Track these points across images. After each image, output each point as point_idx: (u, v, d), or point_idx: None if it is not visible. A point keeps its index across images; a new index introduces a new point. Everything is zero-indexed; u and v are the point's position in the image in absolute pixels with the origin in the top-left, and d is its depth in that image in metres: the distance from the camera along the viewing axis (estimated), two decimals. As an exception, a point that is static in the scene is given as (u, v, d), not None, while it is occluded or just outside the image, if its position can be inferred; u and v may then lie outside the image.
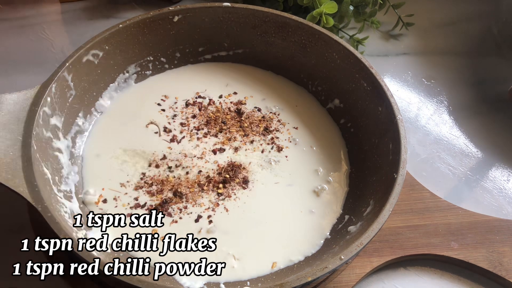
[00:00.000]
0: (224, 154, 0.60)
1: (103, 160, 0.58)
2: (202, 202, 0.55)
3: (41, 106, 0.50)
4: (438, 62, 0.82)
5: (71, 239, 0.42)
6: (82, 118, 0.60)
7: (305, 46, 0.65)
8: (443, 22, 0.89)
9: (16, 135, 0.48)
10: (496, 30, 0.86)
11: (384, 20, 0.86)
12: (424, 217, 0.58)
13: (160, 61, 0.67)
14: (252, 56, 0.69)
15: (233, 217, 0.54)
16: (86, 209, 0.54)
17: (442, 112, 0.74)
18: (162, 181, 0.56)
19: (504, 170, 0.68)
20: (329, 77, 0.64)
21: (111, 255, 0.49)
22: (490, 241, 0.57)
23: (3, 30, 0.79)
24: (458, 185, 0.66)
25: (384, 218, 0.46)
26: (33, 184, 0.45)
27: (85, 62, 0.58)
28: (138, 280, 0.40)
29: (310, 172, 0.59)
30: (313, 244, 0.53)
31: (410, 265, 0.57)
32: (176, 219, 0.53)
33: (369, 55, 0.81)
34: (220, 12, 0.65)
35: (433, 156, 0.69)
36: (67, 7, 0.84)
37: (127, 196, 0.55)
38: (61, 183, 0.52)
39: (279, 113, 0.65)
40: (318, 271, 0.43)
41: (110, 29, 0.60)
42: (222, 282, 0.49)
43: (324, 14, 0.72)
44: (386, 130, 0.55)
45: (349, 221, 0.53)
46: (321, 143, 0.62)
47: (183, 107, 0.64)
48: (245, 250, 0.52)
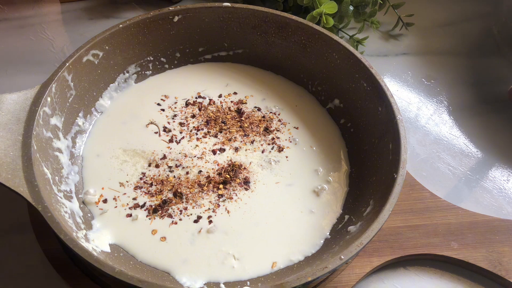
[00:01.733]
0: (224, 154, 0.60)
1: (103, 160, 0.58)
2: (202, 203, 0.55)
3: (41, 106, 0.50)
4: (438, 62, 0.82)
5: (71, 239, 0.42)
6: (82, 118, 0.60)
7: (305, 46, 0.65)
8: (443, 22, 0.89)
9: (16, 135, 0.48)
10: (496, 30, 0.86)
11: (384, 20, 0.86)
12: (424, 217, 0.58)
13: (160, 61, 0.67)
14: (252, 56, 0.69)
15: (233, 217, 0.54)
16: (86, 209, 0.54)
17: (442, 112, 0.74)
18: (162, 181, 0.56)
19: (504, 170, 0.68)
20: (329, 77, 0.64)
21: (111, 255, 0.49)
22: (490, 241, 0.57)
23: (3, 30, 0.80)
24: (458, 185, 0.66)
25: (384, 218, 0.46)
26: (33, 184, 0.45)
27: (85, 62, 0.58)
28: (138, 280, 0.40)
29: (310, 172, 0.59)
30: (313, 244, 0.53)
31: (410, 265, 0.57)
32: (176, 220, 0.53)
33: (369, 55, 0.81)
34: (220, 12, 0.65)
35: (433, 156, 0.69)
36: (67, 7, 0.84)
37: (126, 196, 0.55)
38: (61, 183, 0.52)
39: (279, 113, 0.65)
40: (318, 271, 0.43)
41: (110, 29, 0.60)
42: (222, 282, 0.49)
43: (324, 14, 0.72)
44: (386, 130, 0.55)
45: (349, 221, 0.53)
46: (321, 143, 0.62)
47: (183, 107, 0.64)
48: (245, 250, 0.52)
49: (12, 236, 0.56)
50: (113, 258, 0.48)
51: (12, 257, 0.54)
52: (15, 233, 0.56)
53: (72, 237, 0.43)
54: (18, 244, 0.55)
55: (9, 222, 0.57)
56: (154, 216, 0.53)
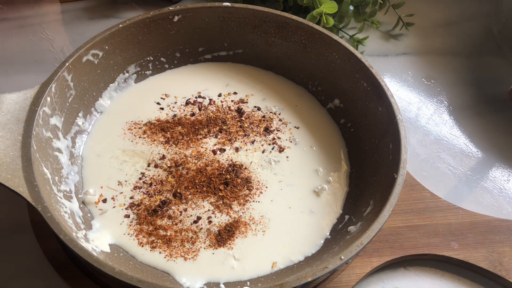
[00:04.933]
0: (225, 154, 0.60)
1: (103, 160, 0.58)
2: (202, 204, 0.55)
3: (41, 106, 0.50)
4: (438, 62, 0.82)
5: (71, 239, 0.42)
6: (82, 118, 0.60)
7: (305, 46, 0.65)
8: (443, 22, 0.89)
9: (16, 135, 0.48)
10: (496, 30, 0.86)
11: (384, 20, 0.86)
12: (424, 217, 0.58)
13: (160, 61, 0.67)
14: (252, 56, 0.69)
15: (234, 217, 0.54)
16: (86, 209, 0.54)
17: (442, 112, 0.74)
18: (161, 181, 0.56)
19: (504, 170, 0.68)
20: (329, 77, 0.64)
21: (111, 255, 0.49)
22: (490, 241, 0.57)
23: (3, 30, 0.79)
24: (458, 185, 0.65)
25: (384, 218, 0.46)
26: (33, 184, 0.45)
27: (85, 62, 0.58)
28: (138, 280, 0.40)
29: (310, 172, 0.59)
30: (313, 244, 0.53)
31: (410, 265, 0.57)
32: (176, 222, 0.53)
33: (369, 55, 0.81)
34: (220, 12, 0.65)
35: (433, 156, 0.69)
36: (67, 7, 0.84)
37: (125, 196, 0.55)
38: (61, 183, 0.52)
39: (279, 113, 0.65)
40: (318, 271, 0.43)
41: (110, 29, 0.60)
42: (222, 282, 0.49)
43: (324, 14, 0.72)
44: (386, 130, 0.55)
45: (349, 221, 0.53)
46: (321, 143, 0.62)
47: (183, 107, 0.64)
48: (245, 250, 0.52)
49: (12, 236, 0.56)
50: (113, 258, 0.48)
51: (12, 257, 0.54)
52: (15, 233, 0.56)
53: (71, 237, 0.43)
54: (18, 244, 0.55)
55: (9, 222, 0.57)
56: (154, 217, 0.53)
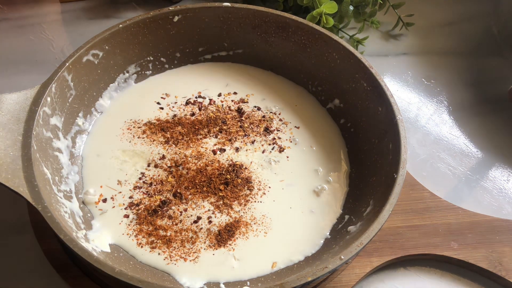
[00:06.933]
0: (225, 154, 0.60)
1: (103, 160, 0.58)
2: (202, 204, 0.55)
3: (41, 106, 0.50)
4: (438, 62, 0.82)
5: (71, 239, 0.42)
6: (82, 118, 0.60)
7: (305, 46, 0.65)
8: (443, 22, 0.89)
9: (16, 135, 0.48)
10: (496, 30, 0.86)
11: (384, 20, 0.86)
12: (424, 217, 0.58)
13: (160, 61, 0.67)
14: (252, 56, 0.69)
15: (234, 217, 0.54)
16: (86, 209, 0.54)
17: (442, 112, 0.74)
18: (161, 181, 0.56)
19: (504, 170, 0.68)
20: (329, 77, 0.64)
21: (111, 255, 0.49)
22: (490, 241, 0.57)
23: (3, 30, 0.79)
24: (458, 185, 0.66)
25: (384, 218, 0.46)
26: (33, 184, 0.45)
27: (85, 62, 0.58)
28: (138, 280, 0.40)
29: (310, 172, 0.59)
30: (313, 244, 0.53)
31: (410, 265, 0.57)
32: (176, 222, 0.53)
33: (369, 55, 0.81)
34: (220, 12, 0.65)
35: (433, 156, 0.69)
36: (67, 7, 0.84)
37: (125, 196, 0.55)
38: (61, 183, 0.52)
39: (279, 113, 0.65)
40: (318, 271, 0.43)
41: (110, 29, 0.60)
42: (222, 282, 0.49)
43: (324, 14, 0.72)
44: (386, 130, 0.55)
45: (349, 221, 0.53)
46: (321, 143, 0.62)
47: (183, 107, 0.64)
48: (245, 250, 0.52)
49: (12, 236, 0.56)
50: (113, 258, 0.48)
51: (12, 257, 0.54)
52: (15, 233, 0.56)
53: (72, 237, 0.43)
54: (18, 244, 0.55)
55: (9, 222, 0.57)
56: (154, 217, 0.53)
